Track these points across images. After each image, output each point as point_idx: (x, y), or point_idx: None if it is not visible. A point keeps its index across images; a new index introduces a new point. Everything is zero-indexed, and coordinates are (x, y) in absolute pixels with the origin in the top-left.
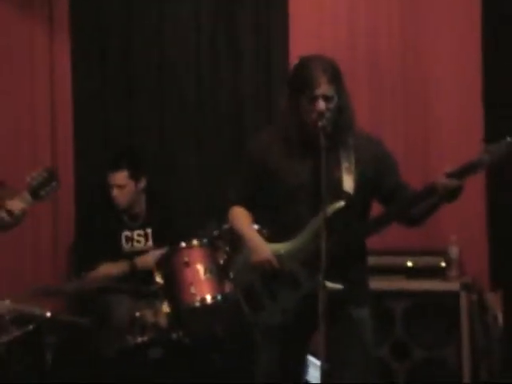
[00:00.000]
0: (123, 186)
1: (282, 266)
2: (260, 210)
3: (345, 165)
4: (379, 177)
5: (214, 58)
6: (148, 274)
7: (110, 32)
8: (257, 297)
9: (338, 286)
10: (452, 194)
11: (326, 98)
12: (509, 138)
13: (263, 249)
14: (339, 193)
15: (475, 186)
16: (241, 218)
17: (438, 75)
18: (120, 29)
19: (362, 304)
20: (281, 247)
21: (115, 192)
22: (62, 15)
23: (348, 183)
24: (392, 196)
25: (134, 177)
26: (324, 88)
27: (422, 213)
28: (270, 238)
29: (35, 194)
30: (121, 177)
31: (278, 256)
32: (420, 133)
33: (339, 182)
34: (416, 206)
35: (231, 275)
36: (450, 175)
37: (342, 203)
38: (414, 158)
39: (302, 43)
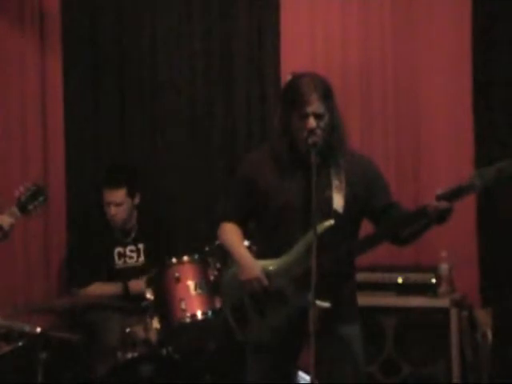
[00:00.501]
0: (121, 203)
1: (271, 283)
2: (251, 226)
3: (335, 183)
4: (369, 196)
5: (207, 73)
6: (140, 296)
7: (103, 47)
8: (245, 314)
9: (326, 305)
10: (442, 217)
11: (317, 116)
12: (500, 163)
13: (253, 267)
14: (329, 211)
15: (466, 203)
16: (231, 234)
17: (430, 91)
18: (112, 44)
19: (352, 321)
20: (270, 264)
21: (113, 210)
22: (53, 31)
23: (338, 202)
24: (382, 215)
25: (131, 194)
26: (315, 106)
27: (412, 233)
28: (260, 255)
29: (23, 208)
30: (119, 195)
31: (267, 273)
32: (411, 150)
33: (329, 201)
34: (406, 228)
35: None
36: (440, 198)
37: (331, 222)
38: (404, 175)
39: (293, 58)
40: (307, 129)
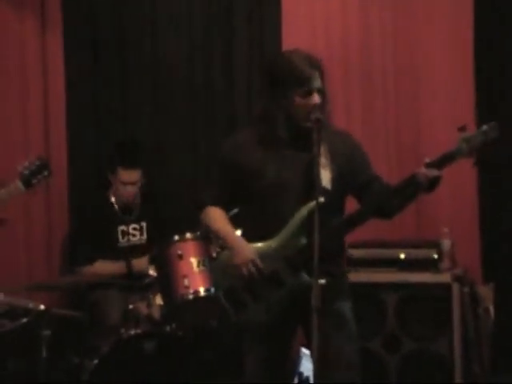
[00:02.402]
0: (136, 182)
1: (265, 265)
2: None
3: (321, 160)
4: (353, 171)
5: (207, 50)
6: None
7: (103, 26)
8: (239, 297)
9: (322, 281)
10: (432, 184)
11: (320, 92)
12: (484, 126)
13: (246, 249)
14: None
15: (467, 179)
16: (218, 219)
17: (430, 73)
18: (112, 23)
19: (344, 297)
20: (262, 246)
21: (130, 189)
22: (54, 10)
23: (325, 179)
24: (365, 189)
25: (144, 172)
26: (318, 81)
27: (399, 204)
28: (247, 238)
29: (27, 182)
30: (136, 175)
31: (260, 255)
32: (411, 126)
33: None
34: (396, 198)
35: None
36: (429, 165)
37: (321, 199)
38: (404, 152)
39: (294, 36)
40: (312, 104)
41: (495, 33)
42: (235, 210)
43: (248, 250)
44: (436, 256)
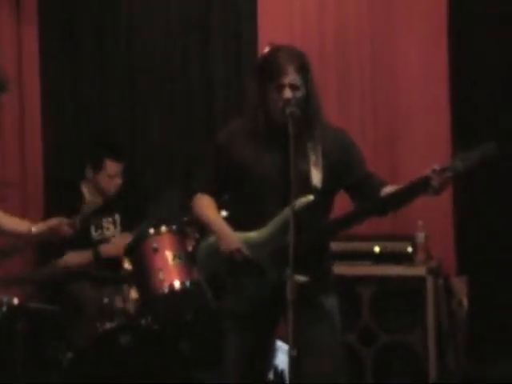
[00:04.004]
0: (120, 175)
1: (250, 254)
2: (225, 198)
3: (312, 158)
4: (345, 169)
5: (184, 42)
6: (114, 261)
7: (79, 15)
8: (222, 284)
9: (304, 279)
10: (441, 189)
11: (293, 87)
12: (483, 146)
13: (232, 238)
14: (307, 186)
15: None
16: (206, 206)
17: (406, 67)
18: (89, 12)
19: (329, 292)
20: (248, 236)
21: (116, 181)
22: (29, 2)
23: (316, 177)
24: (359, 186)
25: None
26: (291, 77)
27: (397, 205)
28: (235, 227)
29: None
30: (121, 167)
31: (246, 244)
32: (388, 121)
33: (307, 176)
34: (397, 199)
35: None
36: (439, 171)
37: (311, 197)
38: (381, 146)
39: (270, 29)
40: (283, 99)
41: (468, 27)
42: (225, 197)
43: (234, 239)
44: (411, 249)
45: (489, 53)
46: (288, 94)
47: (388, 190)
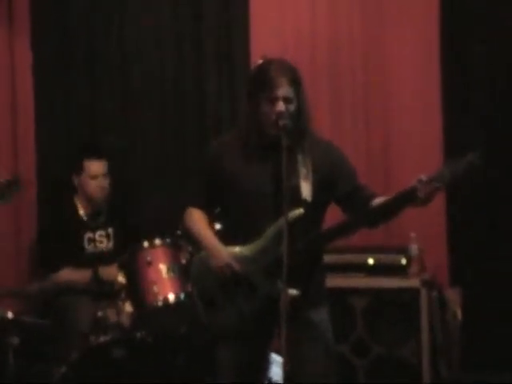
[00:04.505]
0: (106, 175)
1: (241, 269)
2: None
3: (302, 171)
4: (336, 181)
5: (178, 54)
6: (112, 284)
7: (71, 22)
8: (213, 300)
9: (295, 292)
10: (428, 199)
11: (286, 100)
12: (469, 155)
13: (222, 253)
14: (297, 200)
15: None
16: (197, 220)
17: (399, 74)
18: (81, 19)
19: (320, 305)
20: (238, 251)
21: (100, 181)
22: (21, 8)
23: (306, 190)
24: (350, 199)
25: (109, 170)
26: (284, 89)
27: (386, 217)
28: (226, 241)
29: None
30: (102, 166)
31: (237, 259)
32: (380, 129)
33: (297, 189)
34: (385, 211)
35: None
36: (426, 181)
37: (301, 211)
38: (374, 155)
39: (263, 44)
40: (276, 112)
41: (460, 32)
42: (218, 209)
43: (224, 253)
44: (404, 261)
45: (482, 57)
46: (281, 106)
47: (377, 201)
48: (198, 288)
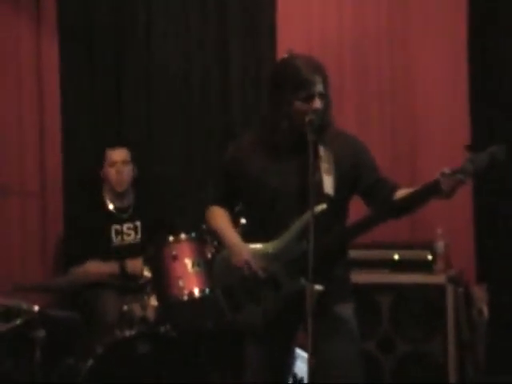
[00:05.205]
0: (126, 163)
1: (263, 266)
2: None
3: (324, 165)
4: (358, 175)
5: (202, 51)
6: (137, 277)
7: (98, 27)
8: (237, 297)
9: (320, 288)
10: (452, 192)
11: (322, 96)
12: (492, 148)
13: (242, 251)
14: (320, 195)
15: None
16: (219, 218)
17: (425, 74)
18: (108, 24)
19: (346, 300)
20: (262, 248)
21: (119, 168)
22: (49, 12)
23: (328, 185)
24: (373, 192)
25: (132, 159)
26: (320, 86)
27: (410, 208)
28: (250, 238)
29: None
30: (123, 153)
31: (259, 256)
32: (407, 129)
33: (319, 184)
34: (418, 204)
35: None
36: (449, 174)
37: (323, 206)
38: (401, 155)
39: (289, 43)
40: (312, 109)
41: (489, 34)
42: (240, 206)
43: (244, 251)
44: (430, 257)
45: (509, 68)
46: (318, 103)
47: (401, 193)
48: (222, 286)
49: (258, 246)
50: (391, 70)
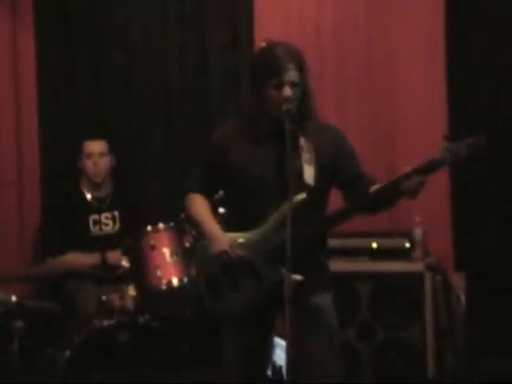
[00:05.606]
0: (103, 155)
1: (242, 255)
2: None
3: (305, 155)
4: (338, 167)
5: (180, 39)
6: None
7: (75, 12)
8: (217, 285)
9: (298, 277)
10: (416, 191)
11: (292, 85)
12: (470, 138)
13: (221, 240)
14: (300, 184)
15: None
16: (199, 206)
17: (403, 63)
18: (85, 12)
19: (325, 290)
20: (241, 236)
21: (95, 159)
22: (25, 1)
23: (308, 174)
24: (351, 184)
25: (109, 151)
26: (292, 74)
27: (383, 205)
28: (231, 227)
29: None
30: (100, 145)
31: (238, 245)
32: (386, 117)
33: (300, 174)
34: (379, 201)
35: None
36: (410, 175)
37: (303, 195)
38: (379, 143)
39: (267, 33)
40: (283, 97)
41: (466, 22)
42: (221, 193)
43: (223, 240)
44: (408, 245)
45: (488, 50)
46: (288, 91)
47: (375, 187)
48: (201, 275)
49: (238, 235)
50: (369, 57)
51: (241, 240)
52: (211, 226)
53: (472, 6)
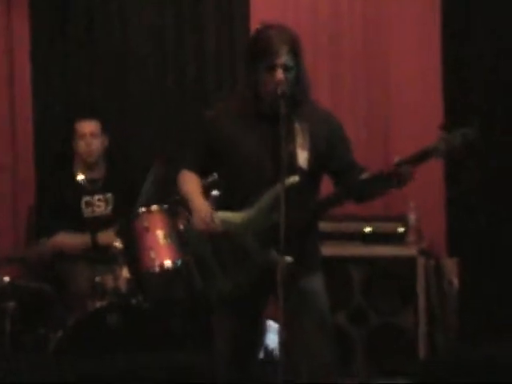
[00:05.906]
0: (96, 135)
1: (233, 237)
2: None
3: (299, 139)
4: (332, 152)
5: (177, 21)
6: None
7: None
8: (208, 267)
9: (288, 259)
10: (403, 181)
11: (286, 68)
12: (465, 128)
13: (202, 209)
14: (293, 168)
15: None
16: (189, 183)
17: (399, 54)
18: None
19: (316, 273)
20: (233, 217)
21: (88, 140)
22: None
23: (302, 158)
24: (343, 172)
25: (103, 131)
26: (284, 58)
27: (371, 194)
28: (224, 206)
29: None
30: (93, 126)
31: (229, 225)
32: (381, 109)
33: (293, 157)
34: (365, 190)
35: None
36: (399, 164)
37: (296, 178)
38: (374, 135)
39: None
40: (275, 80)
41: (462, 5)
42: (215, 176)
43: (204, 210)
44: (402, 230)
45: (484, 31)
46: (280, 74)
47: (364, 176)
48: (193, 255)
49: (229, 214)
50: (365, 46)
51: (232, 220)
52: (198, 200)
53: None
